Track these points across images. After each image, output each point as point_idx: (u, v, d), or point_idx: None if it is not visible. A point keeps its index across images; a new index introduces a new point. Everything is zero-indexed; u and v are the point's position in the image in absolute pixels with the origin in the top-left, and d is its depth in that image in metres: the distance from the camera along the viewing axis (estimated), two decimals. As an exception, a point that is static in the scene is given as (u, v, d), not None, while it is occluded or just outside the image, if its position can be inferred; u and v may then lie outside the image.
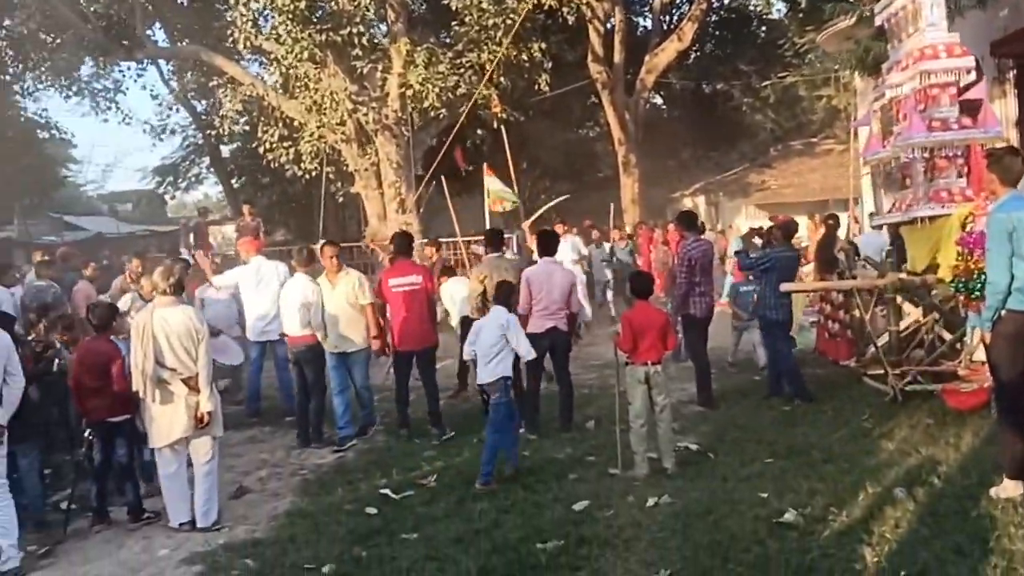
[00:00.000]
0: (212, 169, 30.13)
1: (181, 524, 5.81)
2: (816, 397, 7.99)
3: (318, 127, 16.20)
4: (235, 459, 7.53)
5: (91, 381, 5.98)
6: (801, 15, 20.14)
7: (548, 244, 7.95)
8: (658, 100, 30.83)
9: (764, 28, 28.51)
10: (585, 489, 5.86)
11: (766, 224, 12.28)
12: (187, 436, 5.80)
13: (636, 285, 6.56)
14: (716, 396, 8.32)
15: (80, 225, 29.99)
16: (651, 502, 5.46)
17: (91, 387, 5.98)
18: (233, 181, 29.11)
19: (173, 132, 25.60)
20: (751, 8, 28.32)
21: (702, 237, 9.08)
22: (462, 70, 16.09)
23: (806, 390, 8.08)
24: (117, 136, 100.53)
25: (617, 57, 21.73)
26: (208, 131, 21.72)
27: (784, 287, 8.02)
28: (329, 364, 7.87)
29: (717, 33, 29.08)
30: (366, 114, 15.95)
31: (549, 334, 7.49)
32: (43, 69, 21.13)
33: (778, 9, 27.36)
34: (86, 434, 6.06)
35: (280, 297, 8.10)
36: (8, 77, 22.21)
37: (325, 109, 15.98)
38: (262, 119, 17.39)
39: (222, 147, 28.72)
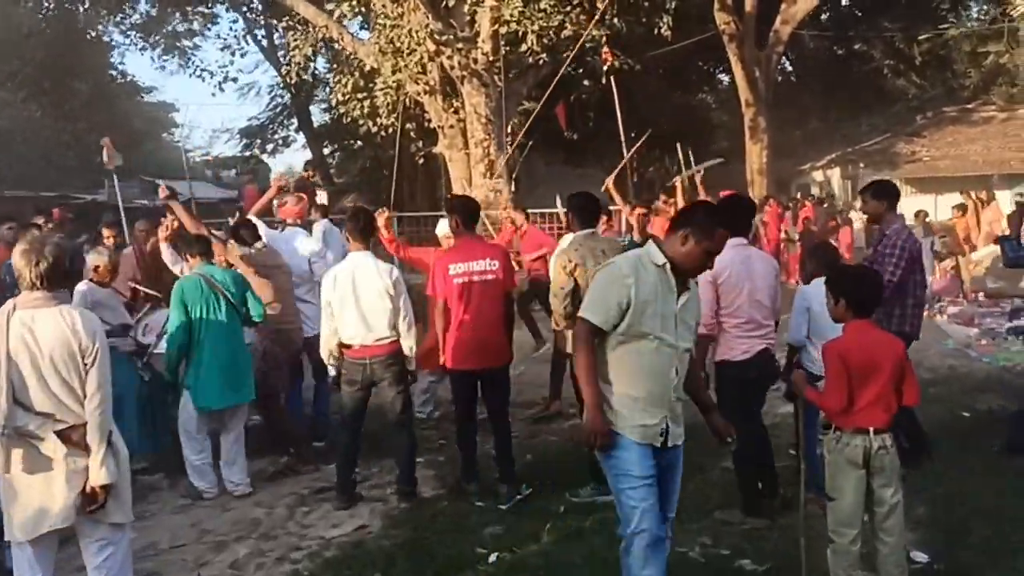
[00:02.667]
0: (301, 132, 28.44)
1: None
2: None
3: (394, 72, 13.78)
4: (215, 516, 5.21)
5: None
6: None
7: (739, 217, 4.72)
8: (785, 64, 27.56)
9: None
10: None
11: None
12: (67, 525, 3.37)
13: (857, 289, 3.65)
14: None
15: (173, 189, 28.99)
16: None
17: None
18: (324, 145, 27.45)
19: (235, 80, 24.48)
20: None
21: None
22: (568, 7, 13.47)
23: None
24: (221, 100, 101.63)
25: (748, 5, 18.88)
26: (281, 79, 19.86)
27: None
28: None
29: (857, -15, 25.73)
30: (451, 57, 13.47)
31: (760, 360, 4.62)
32: (117, 19, 19.99)
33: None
34: None
35: (331, 285, 5.17)
36: (87, 33, 21.28)
37: (403, 51, 13.55)
38: (335, 66, 15.20)
39: (312, 108, 27.20)
